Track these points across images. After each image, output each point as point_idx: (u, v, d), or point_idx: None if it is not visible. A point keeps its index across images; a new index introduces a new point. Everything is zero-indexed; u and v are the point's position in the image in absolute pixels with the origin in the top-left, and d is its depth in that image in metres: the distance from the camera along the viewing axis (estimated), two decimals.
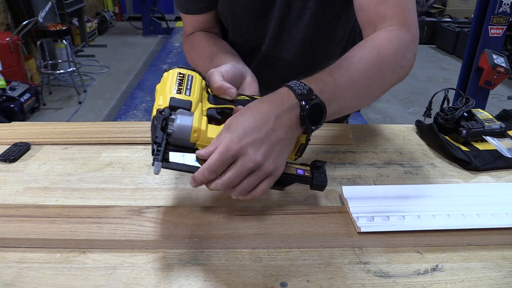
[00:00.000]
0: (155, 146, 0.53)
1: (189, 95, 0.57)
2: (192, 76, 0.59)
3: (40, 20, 4.26)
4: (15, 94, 3.24)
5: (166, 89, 0.57)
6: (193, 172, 0.54)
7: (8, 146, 0.80)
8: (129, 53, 5.56)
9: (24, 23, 3.69)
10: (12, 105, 3.16)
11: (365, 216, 0.60)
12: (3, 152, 0.77)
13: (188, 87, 0.58)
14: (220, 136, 0.53)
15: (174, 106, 0.55)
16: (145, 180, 0.71)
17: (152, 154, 0.53)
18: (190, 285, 0.50)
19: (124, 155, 0.79)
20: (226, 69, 0.65)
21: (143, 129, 0.86)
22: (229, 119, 0.55)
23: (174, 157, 0.54)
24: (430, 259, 0.55)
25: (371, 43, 0.64)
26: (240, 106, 0.62)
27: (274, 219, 0.61)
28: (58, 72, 4.17)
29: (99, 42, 6.01)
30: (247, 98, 0.65)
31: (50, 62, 4.10)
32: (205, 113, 0.58)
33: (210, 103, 0.61)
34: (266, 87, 0.66)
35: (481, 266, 0.54)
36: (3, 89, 3.21)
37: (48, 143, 0.82)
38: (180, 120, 0.54)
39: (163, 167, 0.53)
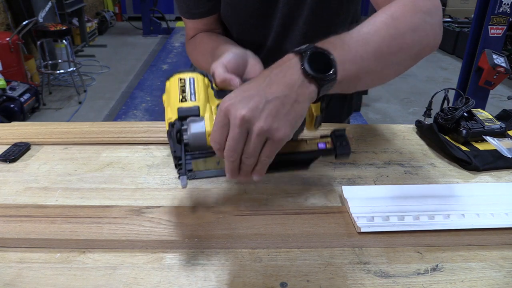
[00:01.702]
0: (176, 161, 0.53)
1: (195, 100, 0.56)
2: (193, 78, 0.59)
3: (40, 20, 4.26)
4: (15, 94, 3.24)
5: (172, 100, 0.57)
6: (218, 176, 0.54)
7: (8, 146, 0.80)
8: (129, 53, 5.56)
9: (24, 23, 3.70)
10: (12, 105, 3.17)
11: (365, 216, 0.60)
12: (3, 152, 0.77)
13: (192, 92, 0.57)
14: None
15: (183, 116, 0.55)
16: (145, 180, 0.71)
17: (176, 168, 0.53)
18: (190, 285, 0.50)
19: (124, 155, 0.79)
20: (228, 59, 0.63)
21: (143, 129, 0.86)
22: None
23: (197, 165, 0.55)
24: (430, 259, 0.55)
25: (383, 10, 0.59)
26: None
27: (274, 219, 0.61)
28: (58, 72, 4.17)
29: (99, 42, 6.01)
30: None
31: (50, 62, 4.10)
32: (215, 111, 0.58)
33: (218, 99, 0.59)
34: None
35: (481, 266, 0.54)
36: (3, 89, 3.21)
37: (48, 143, 0.82)
38: (192, 129, 0.54)
39: (189, 179, 0.53)
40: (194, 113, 0.55)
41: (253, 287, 0.49)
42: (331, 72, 0.51)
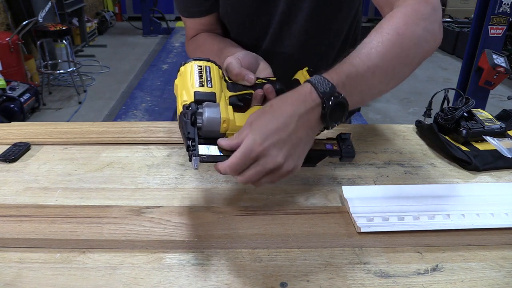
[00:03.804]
0: (189, 142, 0.53)
1: (211, 87, 0.58)
2: (209, 67, 0.60)
3: (40, 20, 4.26)
4: (15, 94, 3.24)
5: (188, 84, 0.58)
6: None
7: (8, 146, 0.80)
8: (129, 53, 5.56)
9: (24, 23, 3.69)
10: (12, 105, 3.16)
11: (365, 216, 0.60)
12: (3, 152, 0.77)
13: (209, 79, 0.58)
14: (243, 133, 0.54)
15: (200, 100, 0.56)
16: (145, 180, 0.71)
17: (187, 150, 0.53)
18: (190, 285, 0.50)
19: (124, 155, 0.79)
20: (242, 56, 0.65)
21: (143, 129, 0.86)
22: (252, 115, 0.55)
23: (202, 150, 0.55)
24: (430, 259, 0.55)
25: (388, 23, 0.62)
26: (259, 90, 0.63)
27: (274, 219, 0.61)
28: (58, 72, 4.17)
29: (99, 42, 6.01)
30: (263, 81, 0.66)
31: (50, 62, 4.10)
32: (228, 102, 0.59)
33: (230, 91, 0.61)
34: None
35: (481, 266, 0.54)
36: (3, 89, 3.21)
37: (48, 143, 0.82)
38: (208, 113, 0.55)
39: (200, 161, 0.54)
40: (211, 99, 0.56)
41: (253, 287, 0.49)
42: (342, 120, 0.56)
